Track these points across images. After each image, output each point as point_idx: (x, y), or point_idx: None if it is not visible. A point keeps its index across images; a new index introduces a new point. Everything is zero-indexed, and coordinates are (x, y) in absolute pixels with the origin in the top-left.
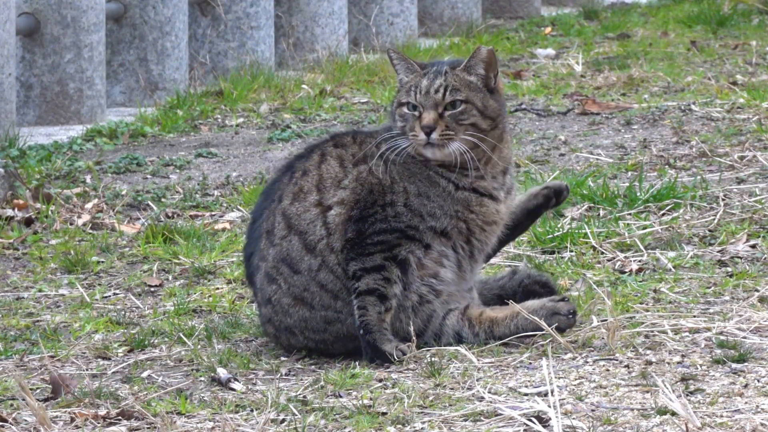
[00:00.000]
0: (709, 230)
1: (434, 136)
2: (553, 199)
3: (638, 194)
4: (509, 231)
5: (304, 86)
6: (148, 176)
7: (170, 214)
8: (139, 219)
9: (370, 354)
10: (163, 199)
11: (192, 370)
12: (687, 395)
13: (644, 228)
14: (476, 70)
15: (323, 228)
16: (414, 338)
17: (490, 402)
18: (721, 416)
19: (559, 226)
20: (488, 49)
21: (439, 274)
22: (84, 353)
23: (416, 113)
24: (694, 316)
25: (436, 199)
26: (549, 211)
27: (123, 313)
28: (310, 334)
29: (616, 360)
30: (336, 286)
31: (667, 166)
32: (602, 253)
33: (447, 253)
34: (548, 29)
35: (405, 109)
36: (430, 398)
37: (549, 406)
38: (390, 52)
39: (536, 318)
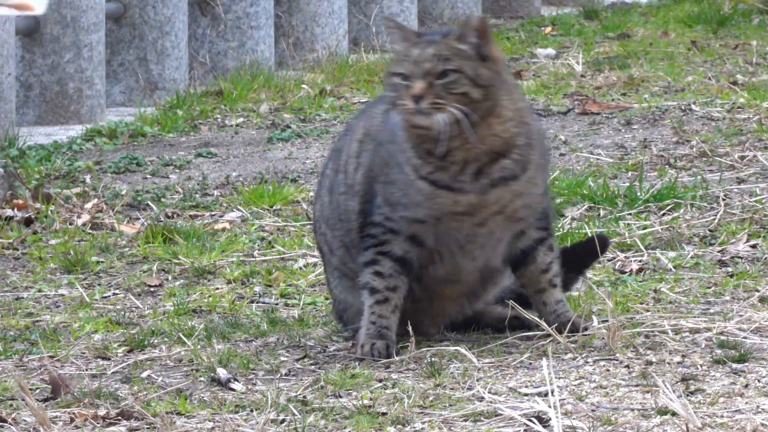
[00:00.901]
0: (710, 230)
1: (423, 104)
2: None
3: (638, 194)
4: None
5: (304, 86)
6: (148, 176)
7: (170, 214)
8: (138, 219)
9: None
10: (162, 199)
11: (192, 370)
12: (687, 395)
13: (644, 228)
14: (468, 38)
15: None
16: (413, 338)
17: (490, 402)
18: (722, 416)
19: (559, 225)
20: (479, 17)
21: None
22: (84, 353)
23: (407, 83)
24: (695, 317)
25: (403, 187)
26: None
27: (123, 313)
28: None
29: (617, 360)
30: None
31: (667, 166)
32: None
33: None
34: (548, 29)
35: (396, 79)
36: (430, 398)
37: (549, 406)
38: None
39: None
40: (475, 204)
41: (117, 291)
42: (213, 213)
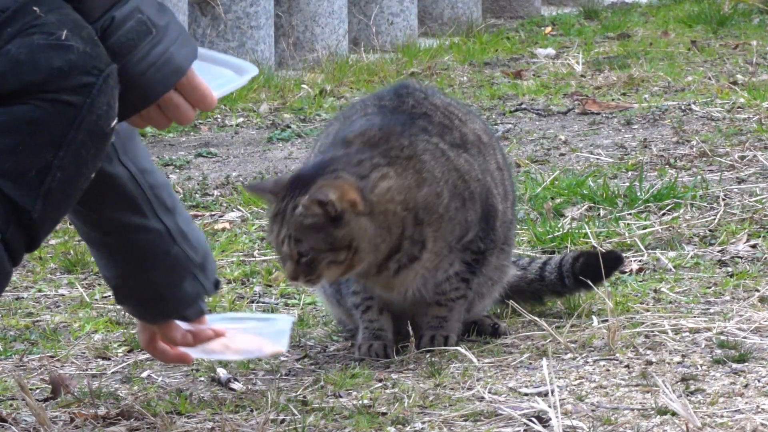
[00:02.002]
0: (710, 230)
1: (299, 283)
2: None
3: (638, 194)
4: None
5: (304, 86)
6: None
7: None
8: None
9: None
10: None
11: (192, 370)
12: (687, 395)
13: (644, 228)
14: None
15: None
16: (413, 338)
17: (490, 402)
18: (722, 416)
19: (559, 226)
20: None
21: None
22: (84, 353)
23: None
24: (695, 316)
25: None
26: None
27: (123, 313)
28: None
29: (617, 360)
30: None
31: (667, 166)
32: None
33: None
34: (548, 29)
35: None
36: (430, 398)
37: (549, 406)
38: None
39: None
40: (382, 284)
41: None
42: (213, 213)
